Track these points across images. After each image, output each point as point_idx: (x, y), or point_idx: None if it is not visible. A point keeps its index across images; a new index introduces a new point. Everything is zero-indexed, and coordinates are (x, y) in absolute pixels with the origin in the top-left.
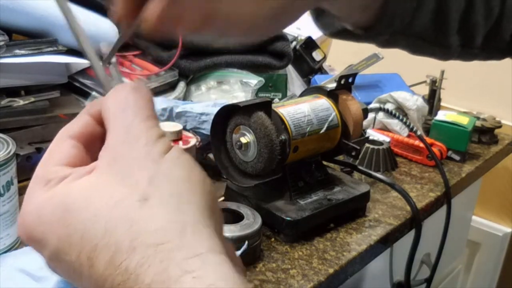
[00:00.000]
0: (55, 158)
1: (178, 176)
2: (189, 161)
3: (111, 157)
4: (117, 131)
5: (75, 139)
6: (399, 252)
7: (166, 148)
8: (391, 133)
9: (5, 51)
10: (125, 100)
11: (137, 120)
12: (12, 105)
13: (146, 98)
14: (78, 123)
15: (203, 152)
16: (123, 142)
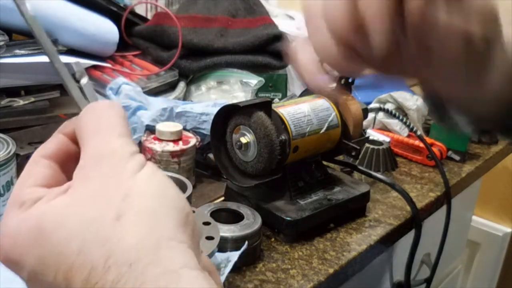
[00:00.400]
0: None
1: (151, 192)
2: (162, 178)
3: (84, 176)
4: (91, 149)
5: (50, 159)
6: (399, 252)
7: (140, 165)
8: (391, 133)
9: (5, 51)
10: (98, 118)
11: (111, 138)
12: (12, 105)
13: (119, 115)
14: (53, 142)
15: (203, 152)
16: (96, 161)
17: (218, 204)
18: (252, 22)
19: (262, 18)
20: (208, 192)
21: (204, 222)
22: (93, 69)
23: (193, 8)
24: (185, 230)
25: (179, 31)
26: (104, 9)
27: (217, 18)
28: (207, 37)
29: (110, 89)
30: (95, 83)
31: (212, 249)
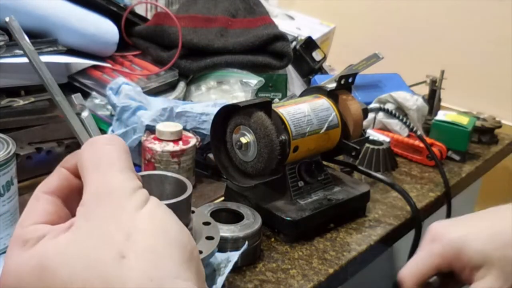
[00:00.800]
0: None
1: (154, 230)
2: (165, 213)
3: (87, 213)
4: (92, 186)
5: (52, 194)
6: (399, 252)
7: (142, 201)
8: (391, 133)
9: (5, 51)
10: (99, 153)
11: (112, 174)
12: (12, 105)
13: (121, 150)
14: (55, 177)
15: (203, 152)
16: (98, 198)
17: (218, 204)
18: (252, 22)
19: (262, 18)
20: (208, 192)
21: (204, 222)
22: (93, 69)
23: (193, 8)
24: (189, 267)
25: (179, 31)
26: (104, 9)
27: (217, 18)
28: (207, 37)
29: (110, 89)
30: (95, 83)
31: (212, 249)
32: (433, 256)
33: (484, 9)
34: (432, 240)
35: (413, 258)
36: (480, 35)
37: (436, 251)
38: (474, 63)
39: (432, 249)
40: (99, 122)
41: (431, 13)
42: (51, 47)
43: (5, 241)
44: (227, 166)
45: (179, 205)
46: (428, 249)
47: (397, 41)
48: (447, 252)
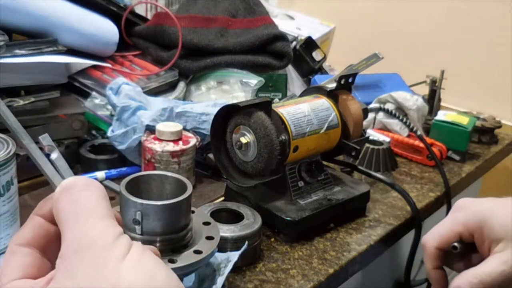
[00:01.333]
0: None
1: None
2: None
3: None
4: (71, 237)
5: (28, 245)
6: (399, 252)
7: (125, 249)
8: (391, 133)
9: (5, 51)
10: (76, 202)
11: (91, 223)
12: (12, 105)
13: (99, 195)
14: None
15: (203, 152)
16: (78, 250)
17: (218, 204)
18: (252, 22)
19: (262, 18)
20: (208, 192)
21: (204, 222)
22: (93, 69)
23: (193, 8)
24: None
25: (179, 31)
26: (104, 9)
27: (217, 18)
28: (207, 37)
29: (110, 89)
30: (95, 83)
31: (212, 249)
32: (456, 224)
33: (484, 9)
34: (458, 210)
35: (437, 225)
36: (480, 35)
37: (460, 219)
38: (474, 63)
39: (456, 217)
40: (99, 122)
41: (431, 13)
42: (51, 47)
43: (5, 241)
44: (227, 166)
45: (179, 205)
46: (452, 217)
47: (397, 41)
48: (470, 222)
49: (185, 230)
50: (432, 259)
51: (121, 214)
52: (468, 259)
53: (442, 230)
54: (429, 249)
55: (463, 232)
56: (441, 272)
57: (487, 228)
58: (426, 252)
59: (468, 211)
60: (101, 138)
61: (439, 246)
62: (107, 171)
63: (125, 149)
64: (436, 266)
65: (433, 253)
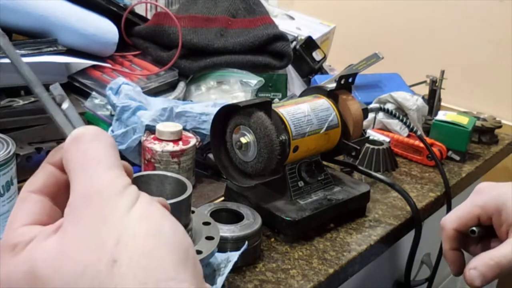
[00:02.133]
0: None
1: (146, 231)
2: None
3: (75, 216)
4: (79, 186)
5: (39, 193)
6: (399, 252)
7: (132, 199)
8: (391, 133)
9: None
10: (85, 151)
11: (99, 172)
12: (12, 105)
13: (108, 145)
14: (40, 174)
15: (203, 152)
16: (85, 200)
17: (218, 204)
18: (252, 22)
19: (262, 18)
20: (208, 192)
21: (204, 222)
22: (93, 69)
23: (193, 8)
24: (186, 268)
25: (179, 31)
26: (104, 9)
27: (217, 18)
28: (207, 37)
29: (110, 89)
30: (95, 83)
31: (212, 249)
32: (475, 206)
33: (484, 9)
34: (477, 193)
35: (457, 207)
36: (480, 35)
37: (479, 202)
38: (474, 63)
39: (475, 200)
40: (99, 122)
41: (431, 13)
42: (51, 47)
43: None
44: (227, 166)
45: (179, 205)
46: (472, 200)
47: (397, 41)
48: (488, 205)
49: (185, 230)
50: (450, 240)
51: None
52: (486, 244)
53: (461, 212)
54: (448, 230)
55: (481, 215)
56: (458, 253)
57: (505, 211)
58: (444, 233)
59: (487, 195)
60: None
61: (457, 228)
62: None
63: (125, 149)
64: (453, 247)
65: (451, 235)
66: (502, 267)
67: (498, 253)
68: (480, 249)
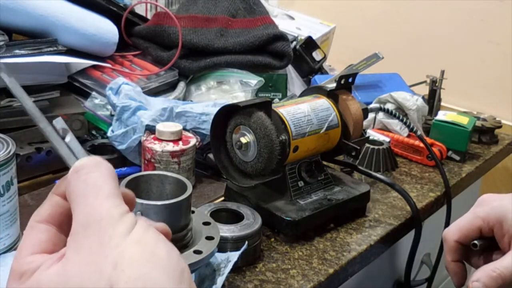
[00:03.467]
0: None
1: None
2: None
3: (76, 244)
4: (80, 215)
5: (46, 222)
6: (399, 252)
7: (129, 226)
8: (391, 133)
9: (5, 51)
10: (85, 181)
11: (98, 202)
12: (12, 105)
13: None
14: (47, 205)
15: (203, 152)
16: (85, 228)
17: (218, 204)
18: (252, 22)
19: (262, 18)
20: (208, 192)
21: (204, 222)
22: (93, 69)
23: (193, 8)
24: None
25: (179, 31)
26: (104, 9)
27: (217, 18)
28: (207, 37)
29: (110, 89)
30: (95, 83)
31: (212, 249)
32: (476, 218)
33: (484, 9)
34: (479, 204)
35: (459, 219)
36: (480, 35)
37: (480, 214)
38: (474, 63)
39: (477, 211)
40: (99, 122)
41: (431, 13)
42: (51, 47)
43: (5, 241)
44: (227, 166)
45: (179, 205)
46: (473, 212)
47: (397, 41)
48: (490, 217)
49: (185, 230)
50: (452, 252)
51: None
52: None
53: (462, 224)
54: (449, 242)
55: (483, 227)
56: (460, 265)
57: (506, 223)
58: (446, 245)
59: (489, 206)
60: (101, 138)
61: (459, 240)
62: None
63: (125, 149)
64: (455, 259)
65: (453, 246)
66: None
67: (500, 265)
68: (482, 261)
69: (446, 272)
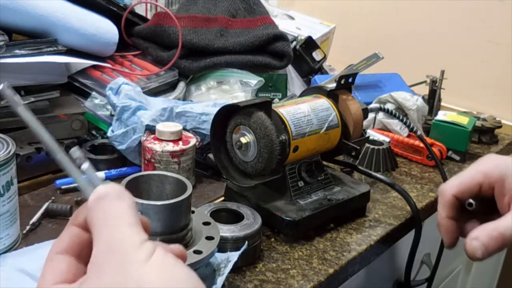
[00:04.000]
0: (48, 279)
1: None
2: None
3: (97, 270)
4: (101, 242)
5: (65, 253)
6: (399, 252)
7: (149, 253)
8: (391, 133)
9: (5, 51)
10: (107, 210)
11: (119, 229)
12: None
13: (128, 205)
14: (66, 236)
15: (203, 152)
16: (107, 254)
17: (218, 204)
18: (252, 22)
19: (262, 18)
20: (208, 192)
21: (204, 222)
22: (93, 69)
23: (193, 8)
24: None
25: (179, 31)
26: (104, 9)
27: (217, 18)
28: (207, 37)
29: (110, 89)
30: (95, 83)
31: (212, 249)
32: (478, 173)
33: (484, 9)
34: (481, 161)
35: (459, 174)
36: (480, 35)
37: (482, 169)
38: (474, 63)
39: (478, 166)
40: (99, 122)
41: (431, 13)
42: (51, 47)
43: (5, 241)
44: (227, 166)
45: (179, 205)
46: (475, 166)
47: (397, 41)
48: (491, 172)
49: (185, 230)
50: (447, 207)
51: None
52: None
53: (462, 178)
54: (447, 196)
55: (484, 183)
56: (454, 223)
57: (508, 182)
58: (442, 199)
59: (492, 163)
60: (101, 138)
61: (457, 195)
62: (107, 171)
63: (125, 149)
64: (450, 215)
65: (449, 201)
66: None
67: (501, 225)
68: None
69: (446, 272)
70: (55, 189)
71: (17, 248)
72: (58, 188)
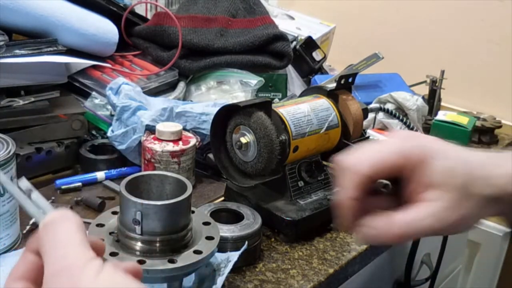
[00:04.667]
0: None
1: None
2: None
3: None
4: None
5: (21, 279)
6: (399, 252)
7: (97, 269)
8: None
9: (5, 51)
10: (55, 234)
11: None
12: (12, 105)
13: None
14: (22, 263)
15: (203, 152)
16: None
17: (218, 204)
18: (252, 22)
19: (262, 18)
20: (208, 192)
21: (204, 222)
22: (93, 69)
23: (193, 8)
24: None
25: (179, 31)
26: (104, 9)
27: (217, 18)
28: (207, 37)
29: (110, 89)
30: (95, 83)
31: (212, 249)
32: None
33: (484, 9)
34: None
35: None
36: (480, 35)
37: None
38: (474, 63)
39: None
40: (99, 122)
41: (431, 13)
42: (51, 47)
43: (5, 241)
44: (227, 166)
45: (179, 205)
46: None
47: (397, 41)
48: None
49: (185, 230)
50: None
51: (121, 214)
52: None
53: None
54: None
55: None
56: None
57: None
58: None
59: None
60: (101, 138)
61: (372, 175)
62: (107, 171)
63: (125, 149)
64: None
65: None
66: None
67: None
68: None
69: (446, 272)
70: (55, 189)
71: (17, 248)
72: (58, 188)
